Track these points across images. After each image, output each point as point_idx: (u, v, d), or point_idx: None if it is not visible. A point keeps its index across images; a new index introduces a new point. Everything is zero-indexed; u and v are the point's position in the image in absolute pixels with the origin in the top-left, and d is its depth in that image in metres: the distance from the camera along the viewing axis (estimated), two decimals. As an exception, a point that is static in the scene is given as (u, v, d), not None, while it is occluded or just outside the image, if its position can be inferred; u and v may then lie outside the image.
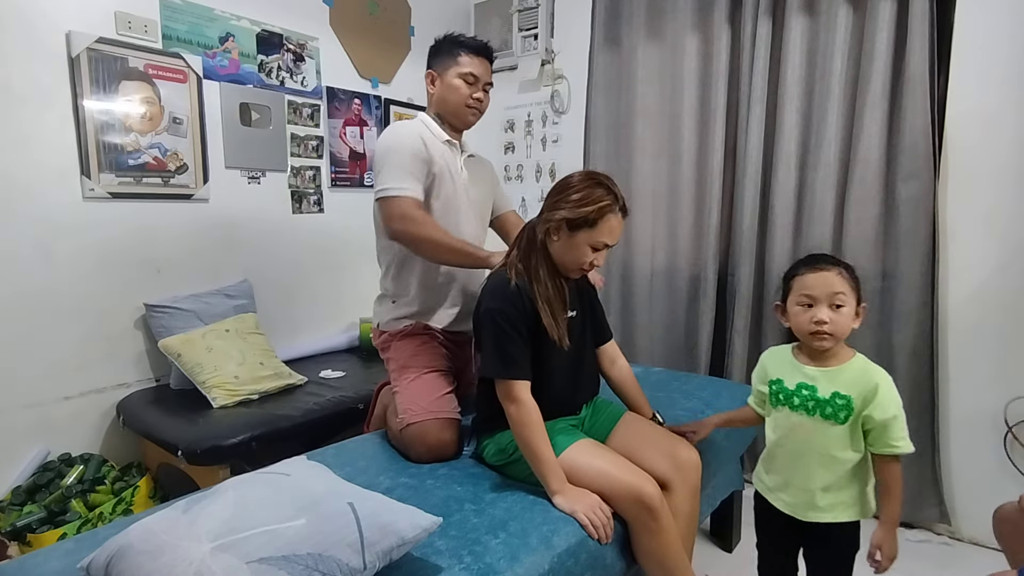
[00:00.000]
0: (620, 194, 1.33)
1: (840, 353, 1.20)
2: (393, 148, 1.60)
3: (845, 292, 1.17)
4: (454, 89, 1.68)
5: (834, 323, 1.16)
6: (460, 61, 1.68)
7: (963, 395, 1.99)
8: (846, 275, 1.18)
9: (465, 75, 1.68)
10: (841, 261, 1.23)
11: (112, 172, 2.01)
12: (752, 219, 2.29)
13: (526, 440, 1.26)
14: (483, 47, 1.72)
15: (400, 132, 1.65)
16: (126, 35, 2.01)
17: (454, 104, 1.70)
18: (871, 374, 1.17)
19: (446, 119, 1.73)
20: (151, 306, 2.09)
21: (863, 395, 1.15)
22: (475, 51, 1.70)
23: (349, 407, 2.01)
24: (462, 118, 1.73)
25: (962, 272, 1.96)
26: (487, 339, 1.32)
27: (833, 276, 1.18)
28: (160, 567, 0.84)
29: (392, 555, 0.94)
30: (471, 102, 1.70)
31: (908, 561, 1.90)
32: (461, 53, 1.68)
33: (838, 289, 1.17)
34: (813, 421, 1.20)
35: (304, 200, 2.61)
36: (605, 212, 1.29)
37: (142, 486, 1.85)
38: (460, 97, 1.69)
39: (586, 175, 1.34)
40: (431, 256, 1.61)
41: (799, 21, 2.14)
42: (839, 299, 1.17)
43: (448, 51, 1.70)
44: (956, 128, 1.94)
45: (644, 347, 2.63)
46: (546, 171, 3.04)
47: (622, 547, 1.25)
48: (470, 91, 1.69)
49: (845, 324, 1.17)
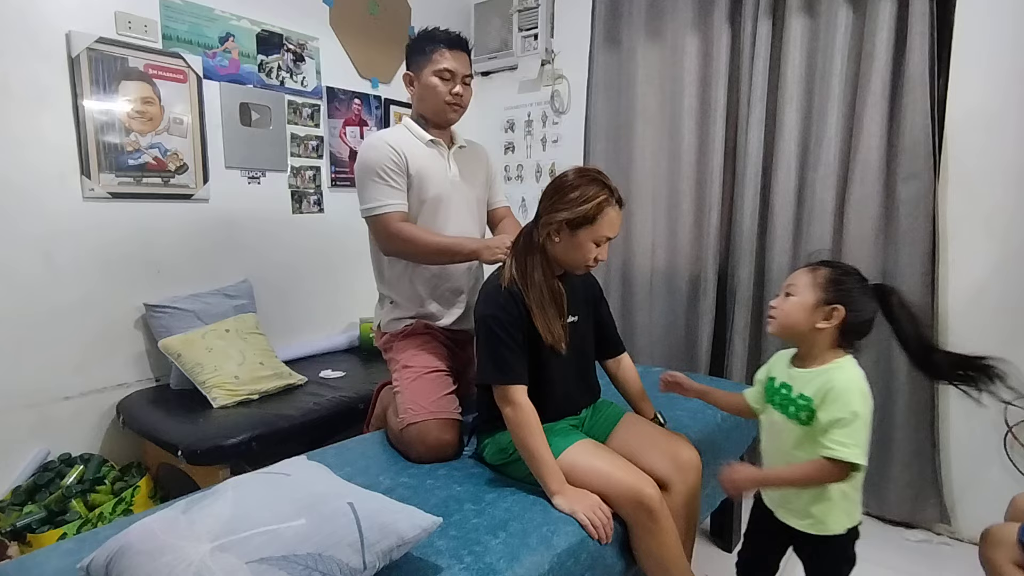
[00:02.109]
0: (614, 186, 1.33)
1: (823, 356, 1.20)
2: (367, 164, 1.60)
3: (798, 284, 1.21)
4: (431, 88, 1.64)
5: (779, 309, 1.22)
6: (434, 58, 1.63)
7: (963, 395, 1.98)
8: (818, 273, 1.20)
9: (440, 72, 1.63)
10: (834, 264, 1.23)
11: (112, 172, 2.00)
12: (752, 219, 2.29)
13: (523, 442, 1.26)
14: (456, 39, 1.66)
15: (373, 145, 1.63)
16: (126, 35, 2.01)
17: (433, 103, 1.66)
18: (833, 377, 1.16)
19: (429, 119, 1.70)
20: (151, 306, 2.09)
21: (820, 397, 1.15)
22: (448, 45, 1.64)
23: (349, 407, 2.01)
24: (443, 116, 1.69)
25: (962, 272, 1.96)
26: (482, 345, 1.33)
27: (801, 271, 1.23)
28: (160, 567, 0.84)
29: (392, 555, 0.95)
30: (449, 98, 1.65)
31: (908, 561, 1.91)
32: (435, 49, 1.63)
33: (793, 280, 1.22)
34: (784, 420, 1.22)
35: (304, 200, 2.61)
36: (603, 207, 1.30)
37: (142, 486, 1.85)
38: (438, 95, 1.64)
39: (578, 172, 1.34)
40: (430, 262, 1.63)
41: (799, 21, 2.14)
42: (790, 288, 1.22)
43: (421, 49, 1.65)
44: (956, 128, 1.94)
45: (644, 347, 2.63)
46: (546, 171, 3.04)
47: (622, 547, 1.25)
48: (447, 87, 1.64)
49: (789, 312, 1.20)
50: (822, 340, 1.18)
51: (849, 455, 1.08)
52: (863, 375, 1.17)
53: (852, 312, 1.16)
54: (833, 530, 1.18)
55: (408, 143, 1.65)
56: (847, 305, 1.16)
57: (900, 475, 2.03)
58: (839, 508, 1.17)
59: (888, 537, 2.04)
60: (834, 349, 1.20)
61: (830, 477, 1.12)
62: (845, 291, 1.18)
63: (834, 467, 1.10)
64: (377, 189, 1.58)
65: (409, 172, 1.62)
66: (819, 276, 1.20)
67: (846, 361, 1.19)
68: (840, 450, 1.09)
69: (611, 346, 1.57)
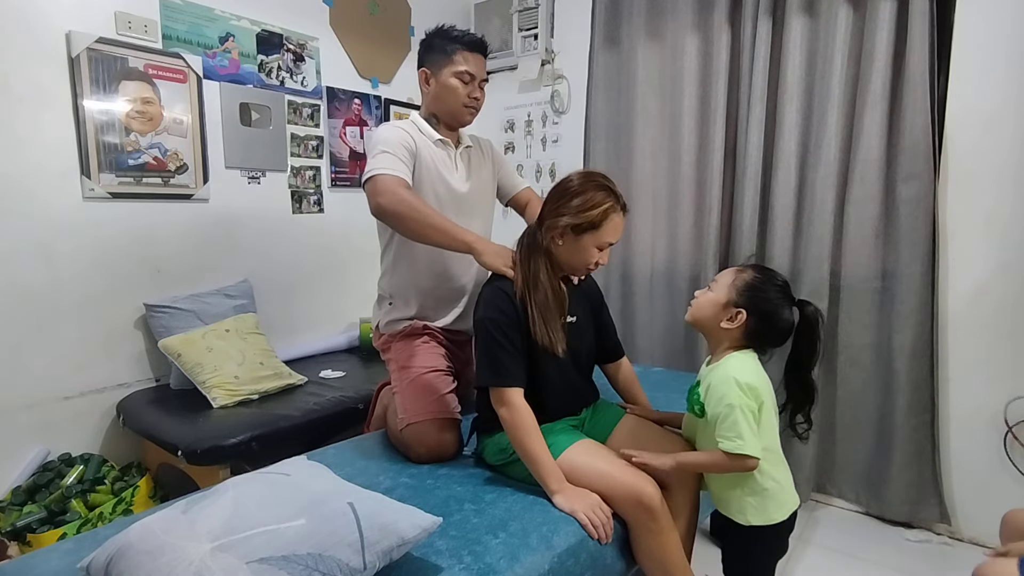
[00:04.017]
0: (619, 192, 1.34)
1: (723, 353, 1.25)
2: (382, 138, 1.57)
3: (720, 281, 1.26)
4: (451, 90, 1.62)
5: (696, 300, 1.29)
6: (455, 59, 1.61)
7: (963, 395, 1.99)
8: (741, 275, 1.24)
9: (461, 74, 1.61)
10: (762, 270, 1.26)
11: (112, 172, 2.00)
12: (752, 219, 2.29)
13: (521, 443, 1.26)
14: (478, 43, 1.65)
15: (389, 126, 1.64)
16: (126, 35, 2.01)
17: (452, 105, 1.65)
18: (716, 373, 1.22)
19: (442, 119, 1.68)
20: (151, 306, 2.09)
21: (705, 390, 1.22)
22: (471, 47, 1.62)
23: (349, 407, 2.01)
24: (459, 118, 1.68)
25: (962, 272, 1.96)
26: (479, 347, 1.33)
27: (730, 270, 1.28)
28: (160, 567, 0.84)
29: (392, 555, 0.95)
30: (468, 101, 1.64)
31: (908, 561, 1.91)
32: (457, 50, 1.61)
33: (719, 276, 1.28)
34: (689, 415, 1.31)
35: (304, 200, 2.61)
36: (608, 213, 1.31)
37: (142, 486, 1.85)
38: (458, 98, 1.63)
39: (585, 177, 1.34)
40: (415, 231, 1.48)
41: (799, 21, 2.14)
42: (712, 283, 1.28)
43: (442, 48, 1.62)
44: (956, 128, 1.94)
45: (644, 347, 2.63)
46: (546, 171, 3.04)
47: (622, 547, 1.26)
48: (467, 90, 1.63)
49: (702, 305, 1.26)
50: (726, 338, 1.24)
51: (734, 447, 1.14)
52: (751, 368, 1.21)
53: (754, 319, 1.21)
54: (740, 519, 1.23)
55: (418, 137, 1.64)
56: (752, 312, 1.20)
57: (900, 475, 2.03)
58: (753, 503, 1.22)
59: (888, 537, 2.04)
60: (735, 347, 1.24)
61: (730, 467, 1.18)
62: (756, 299, 1.21)
63: (729, 458, 1.16)
64: (385, 157, 1.53)
65: (417, 160, 1.60)
66: (740, 278, 1.24)
67: (736, 355, 1.23)
68: (725, 443, 1.16)
69: (611, 350, 1.58)
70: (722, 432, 1.16)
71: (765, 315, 1.21)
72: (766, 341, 1.24)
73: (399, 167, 1.53)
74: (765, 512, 1.22)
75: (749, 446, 1.14)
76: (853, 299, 2.12)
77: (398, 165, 1.53)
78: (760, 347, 1.25)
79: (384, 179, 1.49)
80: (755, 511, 1.22)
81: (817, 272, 2.14)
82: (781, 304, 1.22)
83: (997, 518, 1.34)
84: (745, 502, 1.22)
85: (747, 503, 1.22)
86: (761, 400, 1.18)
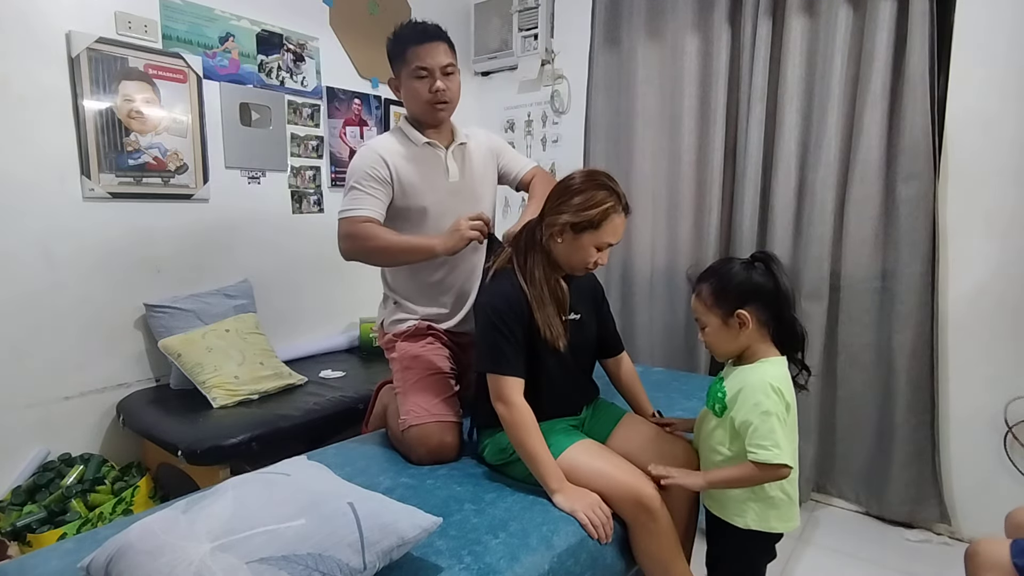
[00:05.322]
0: (622, 192, 1.33)
1: (755, 354, 1.21)
2: (351, 171, 1.59)
3: (699, 315, 1.23)
4: (413, 91, 1.58)
5: (707, 343, 1.25)
6: (408, 58, 1.56)
7: (963, 395, 1.99)
8: (702, 295, 1.22)
9: (415, 71, 1.55)
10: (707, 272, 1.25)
11: (112, 172, 2.00)
12: (752, 219, 2.29)
13: (520, 441, 1.26)
14: (424, 31, 1.57)
15: (361, 154, 1.60)
16: (126, 35, 2.01)
17: (417, 107, 1.61)
18: (748, 376, 1.18)
19: (421, 120, 1.65)
20: (151, 306, 2.09)
21: (734, 394, 1.19)
22: (419, 39, 1.55)
23: (349, 407, 2.01)
24: (431, 116, 1.62)
25: (962, 272, 1.96)
26: (480, 333, 1.33)
27: (694, 301, 1.25)
28: (160, 567, 0.84)
29: (392, 555, 0.95)
30: (429, 96, 1.57)
31: (908, 561, 1.91)
32: (407, 48, 1.56)
33: (695, 314, 1.25)
34: (706, 410, 1.28)
35: (304, 200, 2.61)
36: (609, 213, 1.29)
37: (142, 486, 1.85)
38: (419, 96, 1.58)
39: (587, 175, 1.33)
40: (387, 262, 1.57)
41: (799, 21, 2.14)
42: (700, 321, 1.24)
43: (397, 52, 1.59)
44: (956, 128, 1.94)
45: (644, 347, 2.63)
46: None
47: (622, 547, 1.26)
48: (426, 85, 1.56)
49: (714, 343, 1.24)
50: (753, 339, 1.21)
51: (771, 457, 1.10)
52: (783, 375, 1.19)
53: (752, 304, 1.17)
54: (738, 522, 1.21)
55: (397, 152, 1.61)
56: (742, 302, 1.17)
57: (900, 475, 2.03)
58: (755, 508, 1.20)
59: (888, 537, 2.04)
60: (767, 344, 1.21)
61: (762, 479, 1.15)
62: (734, 293, 1.18)
63: (761, 470, 1.12)
64: (352, 196, 1.56)
65: (394, 182, 1.59)
66: (705, 298, 1.22)
67: (770, 361, 1.20)
68: (761, 453, 1.11)
69: (611, 345, 1.57)
70: (756, 441, 1.12)
71: (752, 290, 1.17)
72: (783, 307, 1.19)
73: (365, 203, 1.55)
74: (766, 520, 1.20)
75: (786, 455, 1.11)
76: (853, 299, 2.12)
77: (364, 201, 1.55)
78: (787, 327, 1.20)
79: (345, 223, 1.55)
80: (756, 517, 1.20)
81: (817, 272, 2.14)
82: (748, 271, 1.19)
83: (997, 518, 1.34)
84: (747, 506, 1.20)
85: (749, 507, 1.20)
86: (787, 402, 1.16)
